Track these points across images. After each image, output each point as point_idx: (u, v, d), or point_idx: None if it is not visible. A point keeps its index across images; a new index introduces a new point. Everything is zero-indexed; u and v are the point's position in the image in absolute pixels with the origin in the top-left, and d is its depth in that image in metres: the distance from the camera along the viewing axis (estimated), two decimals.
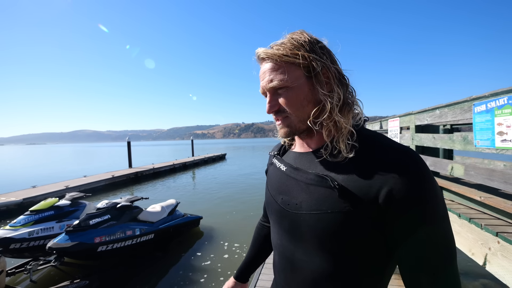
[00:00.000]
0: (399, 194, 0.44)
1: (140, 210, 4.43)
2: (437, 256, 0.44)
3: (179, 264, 4.16)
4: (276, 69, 0.55)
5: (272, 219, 0.66)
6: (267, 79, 0.56)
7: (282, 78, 0.54)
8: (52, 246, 3.35)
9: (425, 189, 0.44)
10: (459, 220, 2.00)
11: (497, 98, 1.51)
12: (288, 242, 0.59)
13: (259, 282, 2.73)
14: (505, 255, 1.49)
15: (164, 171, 14.77)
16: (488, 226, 1.67)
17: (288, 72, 0.54)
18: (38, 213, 3.98)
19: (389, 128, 3.89)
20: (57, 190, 8.29)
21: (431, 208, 0.44)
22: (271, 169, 0.72)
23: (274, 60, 0.55)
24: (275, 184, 0.65)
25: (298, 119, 0.56)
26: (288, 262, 0.59)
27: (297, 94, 0.55)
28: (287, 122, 0.57)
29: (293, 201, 0.57)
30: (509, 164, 2.60)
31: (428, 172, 0.46)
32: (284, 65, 0.54)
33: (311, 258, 0.54)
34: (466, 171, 2.00)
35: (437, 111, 2.37)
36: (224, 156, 26.57)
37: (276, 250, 0.65)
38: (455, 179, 2.56)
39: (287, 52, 0.54)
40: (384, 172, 0.46)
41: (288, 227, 0.58)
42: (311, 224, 0.52)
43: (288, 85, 0.54)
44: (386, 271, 0.53)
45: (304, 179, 0.56)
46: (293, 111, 0.56)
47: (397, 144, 0.50)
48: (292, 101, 0.55)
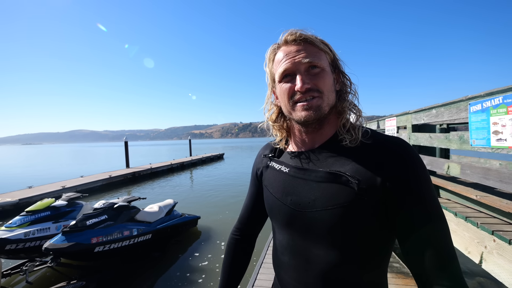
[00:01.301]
0: (401, 176, 0.50)
1: (137, 210, 4.41)
2: (430, 222, 0.49)
3: (177, 264, 4.15)
4: (313, 50, 0.58)
5: (279, 222, 0.66)
6: (303, 55, 0.57)
7: (320, 59, 0.58)
8: (49, 246, 3.32)
9: (419, 174, 0.51)
10: (455, 218, 2.01)
11: (492, 98, 1.52)
12: (302, 241, 0.60)
13: (257, 282, 2.73)
14: (500, 253, 1.51)
15: (162, 171, 14.71)
16: (484, 225, 1.68)
17: (322, 57, 0.59)
18: (34, 214, 3.95)
19: (386, 127, 3.91)
20: (54, 191, 8.23)
21: (425, 189, 0.51)
22: (269, 172, 0.71)
23: (313, 42, 0.58)
24: (279, 187, 0.65)
25: (328, 101, 0.58)
26: (302, 260, 0.60)
27: (329, 77, 0.59)
28: (318, 103, 0.57)
29: (304, 200, 0.58)
30: (504, 163, 2.63)
31: (418, 156, 0.54)
32: (319, 50, 0.59)
33: (327, 252, 0.56)
34: (462, 170, 2.02)
35: (433, 110, 2.38)
36: (222, 156, 26.56)
37: (285, 251, 0.64)
38: (452, 178, 2.58)
39: (320, 40, 0.59)
40: (387, 161, 0.52)
41: (300, 226, 0.59)
42: (326, 220, 0.55)
43: (324, 67, 0.58)
44: (389, 252, 0.59)
45: (314, 177, 0.58)
46: (326, 92, 0.58)
47: (392, 137, 0.56)
48: (327, 82, 0.58)
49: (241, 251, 0.82)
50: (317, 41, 0.58)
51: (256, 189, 0.78)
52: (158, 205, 5.01)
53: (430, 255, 0.47)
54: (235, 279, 0.81)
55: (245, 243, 0.82)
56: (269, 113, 0.71)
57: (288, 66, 0.58)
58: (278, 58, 0.61)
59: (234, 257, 0.81)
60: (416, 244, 0.49)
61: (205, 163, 20.29)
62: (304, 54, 0.57)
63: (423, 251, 0.48)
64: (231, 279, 0.80)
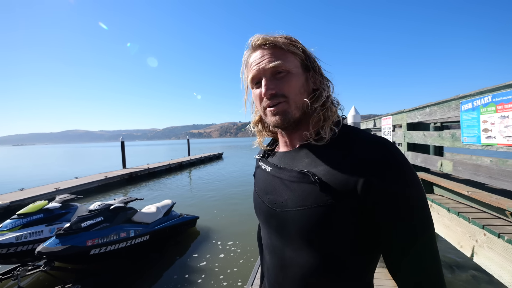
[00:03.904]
0: (378, 183, 0.46)
1: (134, 211, 4.37)
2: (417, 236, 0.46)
3: (176, 265, 4.14)
4: (278, 53, 0.56)
5: (260, 220, 0.67)
6: (267, 60, 0.56)
7: (284, 61, 0.56)
8: (42, 250, 3.26)
9: (401, 176, 0.47)
10: (449, 214, 2.06)
11: (482, 97, 1.57)
12: (277, 241, 0.60)
13: (256, 280, 2.75)
14: (490, 246, 1.55)
15: (160, 171, 14.57)
16: (475, 220, 1.73)
17: (289, 59, 0.57)
18: (26, 217, 3.85)
19: (382, 126, 3.96)
20: (47, 193, 8.05)
21: (410, 196, 0.46)
22: (257, 172, 0.73)
23: (276, 45, 0.57)
24: (261, 185, 0.67)
25: (296, 105, 0.57)
26: (278, 260, 0.60)
27: (296, 80, 0.57)
28: (284, 107, 0.56)
29: (279, 200, 0.58)
30: (495, 160, 2.70)
31: (402, 160, 0.48)
32: (285, 51, 0.57)
33: (299, 254, 0.54)
34: (455, 166, 2.07)
35: (427, 109, 2.43)
36: (221, 155, 26.41)
37: (266, 250, 0.66)
38: (445, 175, 2.64)
39: (287, 41, 0.57)
40: (362, 165, 0.48)
41: (276, 225, 0.59)
42: (296, 220, 0.53)
43: (290, 70, 0.56)
44: (372, 261, 0.54)
45: (287, 177, 0.57)
46: (293, 96, 0.56)
47: (374, 137, 0.52)
48: (292, 85, 0.56)
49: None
50: (283, 42, 0.56)
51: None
52: (156, 206, 4.98)
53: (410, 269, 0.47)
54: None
55: None
56: (253, 116, 0.72)
57: (254, 73, 0.58)
58: (248, 64, 0.61)
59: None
60: (397, 258, 0.48)
61: (204, 163, 20.17)
62: (268, 59, 0.56)
63: (404, 267, 0.47)
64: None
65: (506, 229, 1.52)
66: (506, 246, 1.43)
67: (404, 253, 0.47)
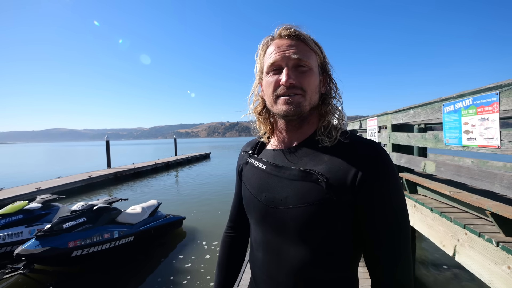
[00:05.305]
0: (370, 180, 0.52)
1: (118, 212, 4.26)
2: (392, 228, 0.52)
3: (161, 267, 4.05)
4: (303, 48, 0.59)
5: (254, 218, 0.67)
6: (293, 51, 0.57)
7: (310, 58, 0.59)
8: (21, 252, 3.14)
9: (390, 176, 0.54)
10: (432, 214, 2.12)
11: (464, 99, 1.61)
12: (274, 237, 0.61)
13: (242, 281, 2.72)
14: (471, 245, 1.60)
15: (146, 171, 14.29)
16: (457, 219, 1.78)
17: (312, 57, 0.60)
18: (5, 218, 3.75)
19: (368, 127, 4.03)
20: (27, 193, 7.71)
21: (394, 190, 0.53)
22: (247, 168, 0.72)
23: (305, 41, 0.59)
24: (255, 183, 0.66)
25: (310, 101, 0.59)
26: (274, 256, 0.61)
27: (315, 78, 0.60)
28: (299, 100, 0.58)
29: (277, 198, 0.59)
30: (475, 161, 2.80)
31: (391, 162, 0.56)
32: (309, 49, 0.59)
33: (297, 248, 0.57)
34: (437, 167, 2.12)
35: (411, 111, 2.49)
36: (209, 155, 26.25)
37: (259, 247, 0.65)
38: (429, 176, 2.71)
39: (313, 41, 0.60)
40: (358, 163, 0.53)
41: (273, 222, 0.60)
42: (297, 217, 0.56)
43: (312, 67, 0.59)
44: (359, 253, 0.60)
45: (287, 175, 0.59)
46: (309, 92, 0.58)
47: (366, 139, 0.59)
48: (312, 82, 0.58)
49: (235, 249, 0.81)
50: (310, 40, 0.59)
51: (240, 187, 0.78)
52: (141, 206, 4.87)
53: (383, 260, 0.53)
54: (231, 277, 0.79)
55: (238, 240, 0.82)
56: (253, 105, 0.72)
57: (277, 59, 0.58)
58: (269, 51, 0.61)
59: (229, 255, 0.80)
60: (373, 248, 0.54)
61: (191, 163, 19.95)
62: (295, 50, 0.57)
63: (378, 256, 0.53)
64: (227, 278, 0.79)
65: (486, 229, 1.57)
66: (486, 245, 1.47)
67: (379, 247, 0.53)
